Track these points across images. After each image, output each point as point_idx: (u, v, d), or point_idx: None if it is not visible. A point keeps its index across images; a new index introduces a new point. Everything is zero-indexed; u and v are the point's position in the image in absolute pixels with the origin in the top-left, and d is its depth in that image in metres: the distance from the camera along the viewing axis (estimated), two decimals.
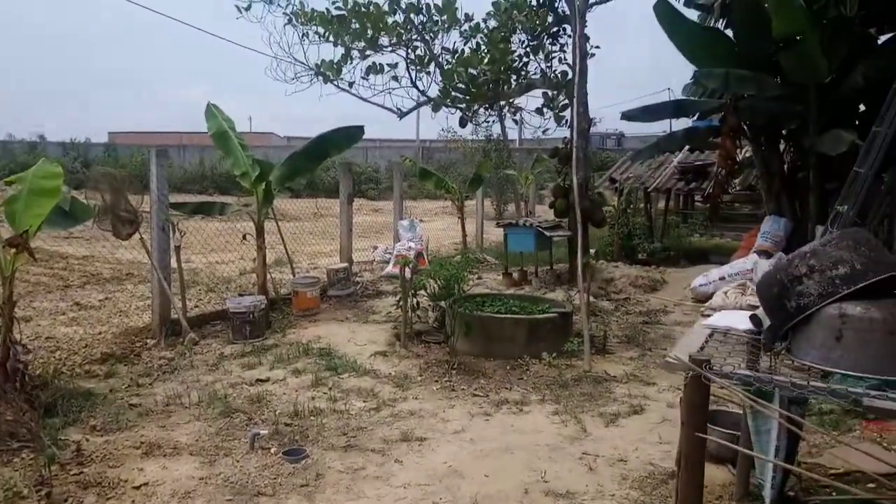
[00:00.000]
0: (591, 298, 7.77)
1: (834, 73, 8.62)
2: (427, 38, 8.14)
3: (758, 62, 9.04)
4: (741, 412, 3.45)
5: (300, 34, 8.37)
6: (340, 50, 8.27)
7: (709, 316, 2.95)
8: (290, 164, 7.49)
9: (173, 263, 6.67)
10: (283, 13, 8.35)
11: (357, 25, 8.03)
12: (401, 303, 6.29)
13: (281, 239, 8.52)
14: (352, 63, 8.37)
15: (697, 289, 8.63)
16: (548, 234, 9.12)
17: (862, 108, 9.54)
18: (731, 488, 3.39)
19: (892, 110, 6.57)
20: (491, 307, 6.63)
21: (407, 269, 6.26)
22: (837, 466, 3.57)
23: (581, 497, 3.42)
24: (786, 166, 10.24)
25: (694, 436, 2.06)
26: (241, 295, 7.15)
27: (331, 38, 8.26)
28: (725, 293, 6.58)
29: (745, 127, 9.96)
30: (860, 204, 6.90)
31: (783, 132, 10.05)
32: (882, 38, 9.31)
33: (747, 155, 11.70)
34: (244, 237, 7.77)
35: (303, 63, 8.42)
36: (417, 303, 6.37)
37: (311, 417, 4.60)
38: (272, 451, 4.04)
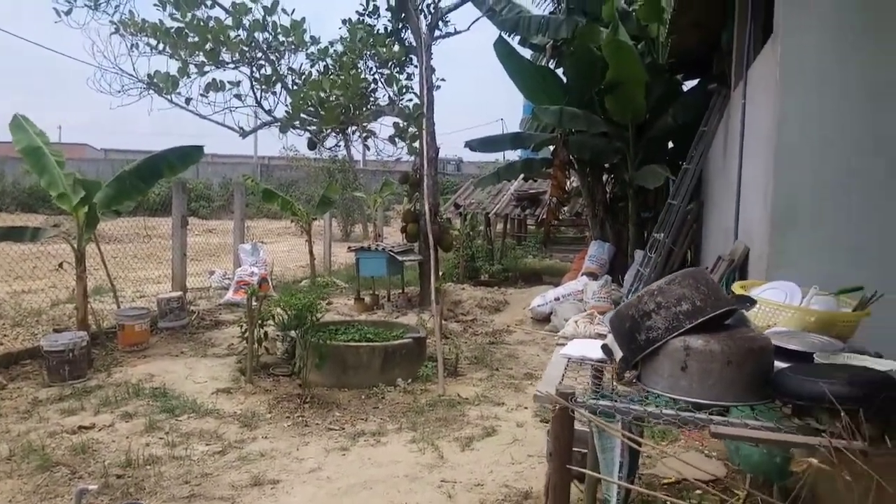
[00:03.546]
0: (442, 321, 7.94)
1: (648, 114, 9.70)
2: (273, 57, 7.87)
3: (585, 101, 9.93)
4: (587, 430, 3.69)
5: (129, 45, 7.70)
6: (175, 63, 7.74)
7: (563, 345, 3.12)
8: (117, 184, 6.81)
9: None
10: (110, 21, 7.63)
11: (196, 38, 7.57)
12: (246, 334, 5.94)
13: (103, 265, 7.70)
14: (189, 78, 7.85)
15: (536, 309, 9.14)
16: (400, 258, 9.18)
17: (671, 145, 10.83)
18: (581, 503, 3.60)
19: (699, 151, 7.55)
20: (345, 335, 6.50)
21: (253, 299, 5.94)
22: (669, 476, 3.93)
23: None
24: (608, 196, 11.29)
25: (561, 467, 2.15)
26: (56, 330, 6.33)
27: (166, 50, 7.69)
28: (576, 322, 7.05)
29: (574, 160, 10.85)
30: (675, 232, 7.81)
31: (606, 166, 11.08)
32: (687, 84, 10.67)
33: (575, 185, 12.73)
34: (61, 265, 6.91)
35: (131, 75, 7.74)
36: (265, 333, 6.06)
37: (147, 466, 4.17)
38: None
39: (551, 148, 10.95)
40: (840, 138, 4.36)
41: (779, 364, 2.29)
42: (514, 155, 18.75)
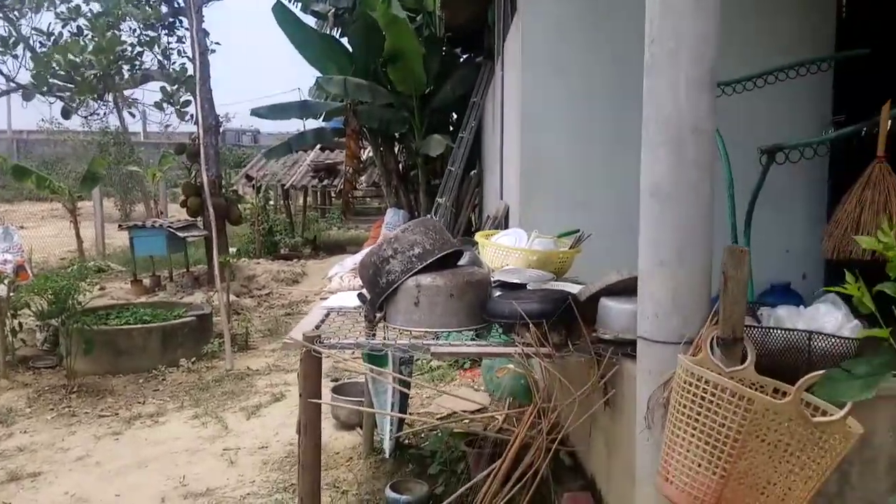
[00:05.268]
0: (233, 297, 7.73)
1: (431, 85, 10.15)
2: (12, 16, 6.90)
3: (371, 72, 10.11)
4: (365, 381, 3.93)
5: None
6: None
7: (326, 299, 3.29)
8: None
9: None
10: None
11: None
12: None
13: None
14: None
15: (334, 277, 9.26)
16: (181, 234, 8.67)
17: (455, 116, 11.45)
18: (360, 448, 3.84)
19: (471, 119, 8.14)
20: (118, 319, 6.06)
21: (1, 287, 5.29)
22: (443, 411, 4.33)
23: (222, 491, 3.45)
24: (400, 165, 11.68)
25: (310, 402, 2.32)
26: None
27: None
28: (341, 277, 7.25)
29: (365, 130, 11.03)
30: (455, 196, 8.38)
31: (396, 135, 11.42)
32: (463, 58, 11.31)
33: (370, 155, 12.96)
34: None
35: None
36: (20, 324, 5.44)
37: None
38: None
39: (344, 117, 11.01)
40: (573, 107, 4.99)
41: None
42: (312, 125, 18.45)
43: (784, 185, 4.19)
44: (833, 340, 1.65)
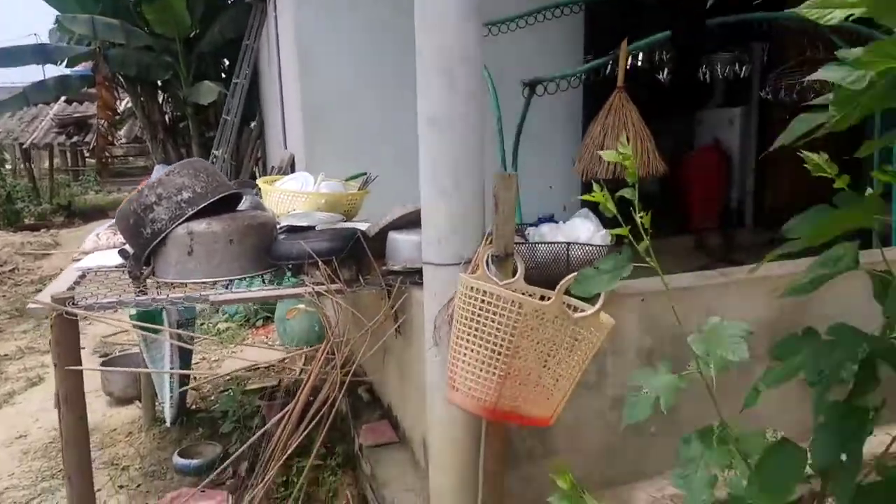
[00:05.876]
0: None
1: (196, 28, 9.26)
2: None
3: (123, 11, 8.95)
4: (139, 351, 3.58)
5: None
6: None
7: (80, 260, 2.90)
8: None
9: None
10: None
11: None
12: None
13: None
14: None
15: (89, 237, 8.25)
16: None
17: (227, 62, 10.61)
18: (140, 421, 3.52)
19: (245, 65, 7.63)
20: None
21: None
22: (235, 370, 4.12)
23: None
24: (167, 116, 10.60)
25: (67, 371, 2.04)
26: None
27: None
28: (98, 235, 6.52)
29: (121, 77, 9.79)
30: (234, 148, 7.86)
31: (159, 83, 10.30)
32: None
33: (128, 105, 11.57)
34: None
35: None
36: None
37: None
38: None
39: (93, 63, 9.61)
40: (350, 50, 4.90)
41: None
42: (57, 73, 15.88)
43: (546, 126, 4.59)
44: (587, 248, 1.85)
